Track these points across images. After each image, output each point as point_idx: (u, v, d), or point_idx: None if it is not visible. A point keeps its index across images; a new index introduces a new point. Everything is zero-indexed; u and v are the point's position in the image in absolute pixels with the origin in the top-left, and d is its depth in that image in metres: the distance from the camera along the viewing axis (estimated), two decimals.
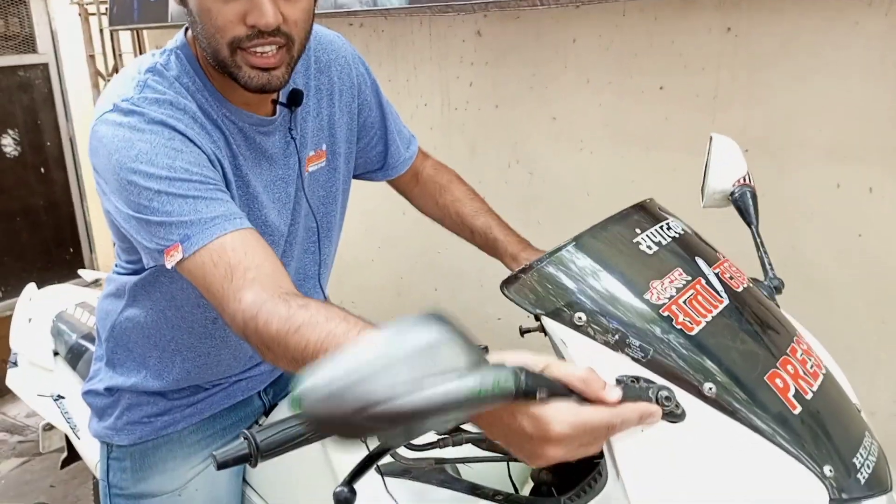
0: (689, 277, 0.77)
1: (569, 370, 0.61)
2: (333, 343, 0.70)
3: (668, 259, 0.79)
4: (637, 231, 0.80)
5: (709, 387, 0.68)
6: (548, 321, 0.72)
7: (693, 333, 0.71)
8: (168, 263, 0.88)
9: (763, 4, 1.65)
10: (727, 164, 1.09)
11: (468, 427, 0.82)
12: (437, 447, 0.83)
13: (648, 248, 0.79)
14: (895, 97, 1.51)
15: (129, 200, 0.90)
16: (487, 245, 1.24)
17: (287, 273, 0.88)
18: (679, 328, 0.71)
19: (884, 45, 1.50)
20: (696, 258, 0.80)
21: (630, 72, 1.90)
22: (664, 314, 0.72)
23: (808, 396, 0.73)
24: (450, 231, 1.31)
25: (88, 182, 3.32)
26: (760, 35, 1.67)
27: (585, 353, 0.70)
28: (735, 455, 0.67)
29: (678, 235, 0.83)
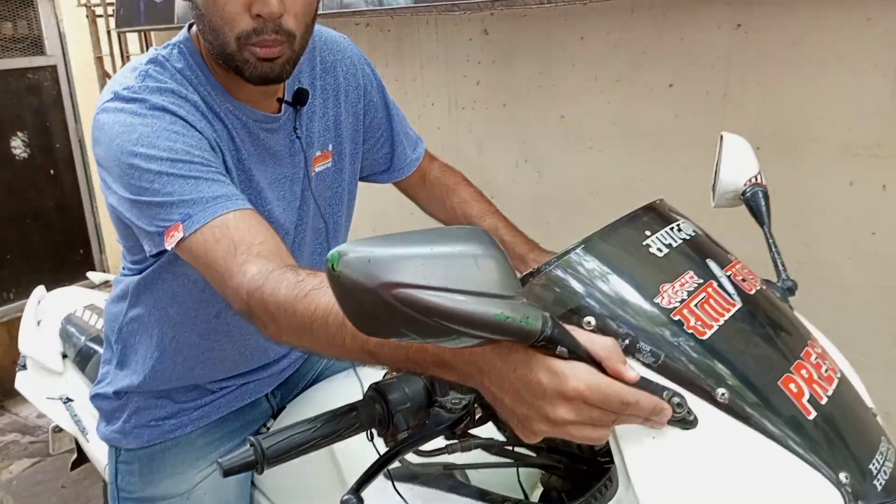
0: (701, 280, 0.75)
1: (593, 338, 0.62)
2: None
3: (680, 262, 0.77)
4: (647, 233, 0.79)
5: (721, 392, 0.66)
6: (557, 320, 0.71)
7: (705, 338, 0.70)
8: (168, 244, 0.87)
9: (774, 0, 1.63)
10: (738, 163, 1.07)
11: (477, 432, 0.81)
12: (446, 453, 0.82)
13: (659, 251, 0.77)
14: None
15: (130, 185, 0.89)
16: None
17: (290, 253, 0.87)
18: (691, 332, 0.70)
19: None
20: (708, 260, 0.79)
21: (639, 69, 1.89)
22: (675, 318, 0.70)
23: (823, 401, 0.71)
24: None
25: (98, 184, 3.31)
26: (771, 31, 1.65)
27: None
28: (749, 462, 0.66)
29: (689, 237, 0.81)
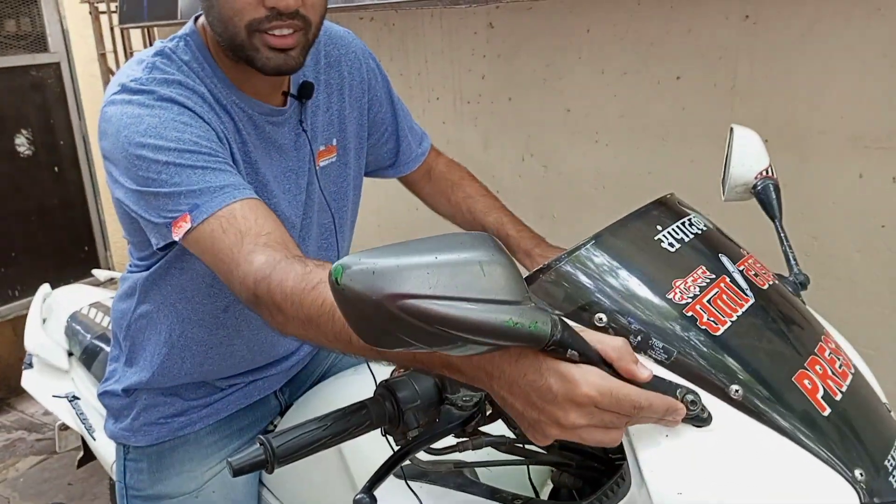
0: (713, 275, 0.74)
1: (603, 338, 0.60)
2: None
3: (691, 257, 0.76)
4: (658, 228, 0.78)
5: (735, 389, 0.66)
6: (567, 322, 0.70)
7: (718, 334, 0.69)
8: (176, 235, 0.86)
9: None
10: (749, 157, 1.06)
11: (488, 430, 0.80)
12: (457, 451, 0.81)
13: (670, 246, 0.76)
14: None
15: (137, 176, 0.88)
16: (500, 241, 1.22)
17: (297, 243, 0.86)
18: (703, 328, 0.69)
19: None
20: (720, 255, 0.78)
21: (646, 62, 1.87)
22: (688, 314, 0.69)
23: (838, 397, 0.71)
24: (462, 228, 1.30)
25: (102, 180, 3.31)
26: (779, 22, 1.63)
27: None
28: (763, 459, 0.65)
29: (701, 232, 0.80)
